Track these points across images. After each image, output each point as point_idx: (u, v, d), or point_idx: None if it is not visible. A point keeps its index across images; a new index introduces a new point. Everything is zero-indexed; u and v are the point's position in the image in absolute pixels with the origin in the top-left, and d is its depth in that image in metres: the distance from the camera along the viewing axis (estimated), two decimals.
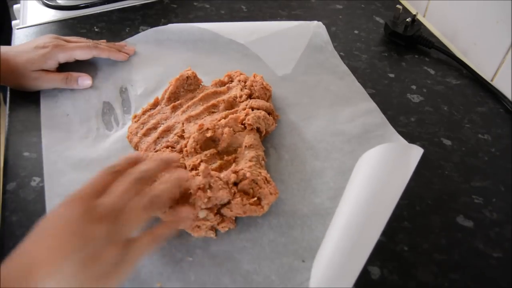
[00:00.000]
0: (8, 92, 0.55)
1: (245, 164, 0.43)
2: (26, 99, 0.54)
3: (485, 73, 0.59)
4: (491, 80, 0.58)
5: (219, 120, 0.47)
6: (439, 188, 0.46)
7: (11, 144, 0.49)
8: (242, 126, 0.47)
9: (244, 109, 0.48)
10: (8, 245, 0.40)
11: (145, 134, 0.48)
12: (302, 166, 0.47)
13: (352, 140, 0.49)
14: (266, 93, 0.52)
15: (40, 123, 0.51)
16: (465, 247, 0.41)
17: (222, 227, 0.40)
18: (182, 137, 0.47)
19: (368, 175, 0.38)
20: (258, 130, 0.48)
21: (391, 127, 0.51)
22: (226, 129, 0.45)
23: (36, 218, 0.41)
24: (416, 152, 0.36)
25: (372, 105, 0.53)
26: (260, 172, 0.42)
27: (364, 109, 0.53)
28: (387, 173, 0.37)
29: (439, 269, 0.39)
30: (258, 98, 0.51)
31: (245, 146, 0.45)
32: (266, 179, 0.42)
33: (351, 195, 0.39)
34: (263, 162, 0.45)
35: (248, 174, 0.41)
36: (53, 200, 0.43)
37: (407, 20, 0.62)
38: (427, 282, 0.38)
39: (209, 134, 0.45)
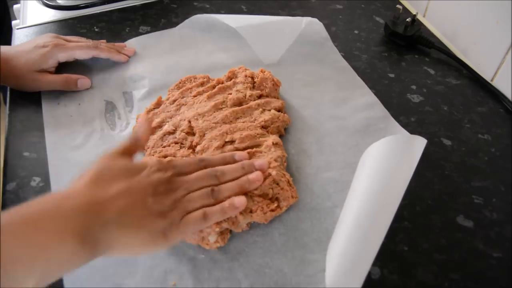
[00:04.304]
0: (8, 92, 0.55)
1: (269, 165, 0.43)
2: (26, 99, 0.54)
3: (485, 73, 0.59)
4: (491, 80, 0.58)
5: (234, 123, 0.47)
6: (439, 188, 0.46)
7: (11, 144, 0.49)
8: (264, 129, 0.47)
9: (257, 108, 0.49)
10: None
11: (150, 133, 0.48)
12: (308, 161, 0.47)
13: (355, 134, 0.50)
14: (276, 89, 0.52)
15: (40, 123, 0.51)
16: (465, 247, 0.41)
17: (236, 229, 0.41)
18: (189, 133, 0.47)
19: (374, 167, 0.39)
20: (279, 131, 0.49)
21: (393, 119, 0.51)
22: (246, 133, 0.46)
23: None
24: (419, 143, 0.37)
25: (373, 98, 0.54)
26: (284, 174, 0.43)
27: (365, 103, 0.53)
28: (393, 164, 0.38)
29: (439, 269, 0.39)
30: (269, 96, 0.51)
31: (272, 143, 0.45)
32: (289, 182, 0.43)
33: (359, 188, 0.39)
34: (285, 164, 0.45)
35: (274, 173, 0.42)
36: None
37: (407, 20, 0.62)
38: (427, 282, 0.38)
39: (228, 138, 0.46)
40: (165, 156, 0.44)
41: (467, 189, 0.46)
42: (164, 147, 0.46)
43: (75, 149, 0.48)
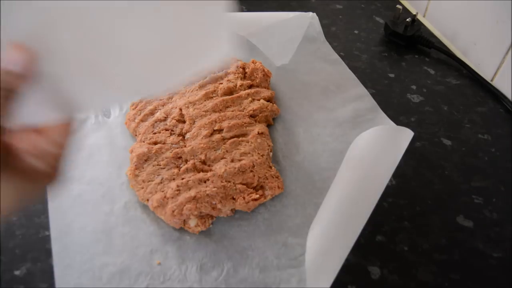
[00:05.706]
0: None
1: (253, 156, 0.44)
2: None
3: (485, 73, 0.59)
4: (491, 80, 0.58)
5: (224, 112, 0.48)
6: (439, 188, 0.46)
7: None
8: (252, 118, 0.48)
9: (246, 98, 0.50)
10: (8, 245, 0.40)
11: (143, 120, 0.49)
12: (295, 150, 0.48)
13: (343, 124, 0.51)
14: (266, 80, 0.53)
15: None
16: (465, 247, 0.41)
17: (221, 214, 0.42)
18: (180, 121, 0.48)
19: (360, 156, 0.40)
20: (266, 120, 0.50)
21: (381, 111, 0.51)
22: (234, 122, 0.47)
23: (36, 218, 0.42)
24: (406, 134, 0.38)
25: (363, 90, 0.54)
26: (270, 167, 0.44)
27: (355, 95, 0.54)
28: (378, 153, 0.39)
29: (439, 269, 0.39)
30: (259, 86, 0.52)
31: (258, 132, 0.46)
32: (275, 174, 0.44)
33: (344, 175, 0.40)
34: (271, 153, 0.46)
35: (256, 168, 0.43)
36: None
37: (407, 20, 0.62)
38: (427, 282, 0.38)
39: (216, 127, 0.46)
40: (156, 143, 0.46)
41: (467, 189, 0.46)
42: (155, 133, 0.47)
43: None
